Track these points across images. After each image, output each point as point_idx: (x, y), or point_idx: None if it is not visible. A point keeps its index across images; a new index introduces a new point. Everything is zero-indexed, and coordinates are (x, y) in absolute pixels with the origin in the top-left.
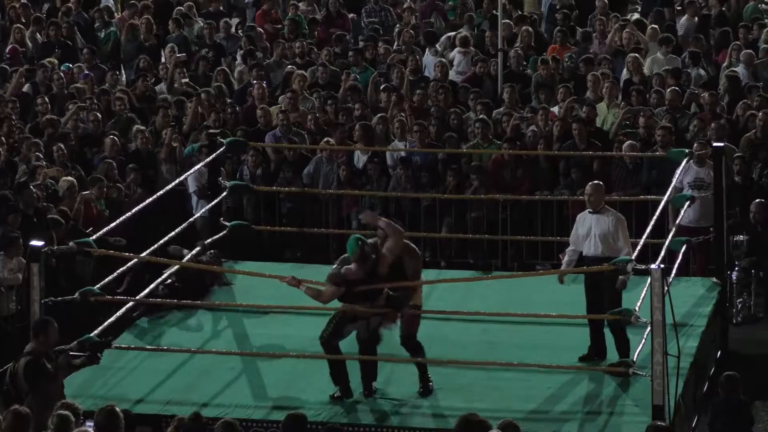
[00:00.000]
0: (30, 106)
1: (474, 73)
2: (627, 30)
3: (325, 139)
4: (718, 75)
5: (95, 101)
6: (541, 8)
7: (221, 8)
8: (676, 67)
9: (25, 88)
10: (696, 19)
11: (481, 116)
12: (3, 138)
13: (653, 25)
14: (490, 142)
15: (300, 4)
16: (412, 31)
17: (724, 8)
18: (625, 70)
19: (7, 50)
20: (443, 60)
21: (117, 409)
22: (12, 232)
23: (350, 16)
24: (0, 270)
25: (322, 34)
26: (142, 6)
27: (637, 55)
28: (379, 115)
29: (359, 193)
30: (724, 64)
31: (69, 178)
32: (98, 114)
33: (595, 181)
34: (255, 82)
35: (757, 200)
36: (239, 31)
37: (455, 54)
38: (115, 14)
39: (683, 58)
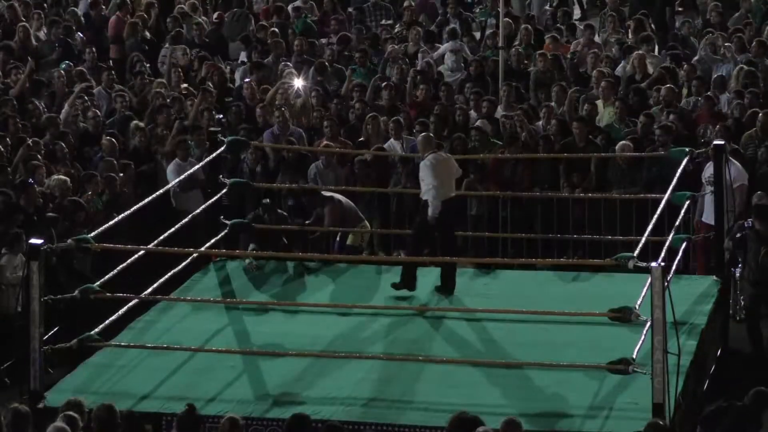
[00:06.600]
0: (28, 105)
1: (471, 71)
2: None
3: (324, 143)
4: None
5: (86, 99)
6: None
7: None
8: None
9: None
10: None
11: (477, 123)
12: (8, 137)
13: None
14: (491, 144)
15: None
16: (414, 28)
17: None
18: (628, 67)
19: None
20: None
21: (115, 407)
22: (14, 229)
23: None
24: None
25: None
26: (143, 3)
27: (642, 52)
28: (370, 114)
29: (360, 190)
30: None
31: (61, 176)
32: (97, 112)
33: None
34: (254, 80)
35: (759, 192)
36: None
37: (446, 50)
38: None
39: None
